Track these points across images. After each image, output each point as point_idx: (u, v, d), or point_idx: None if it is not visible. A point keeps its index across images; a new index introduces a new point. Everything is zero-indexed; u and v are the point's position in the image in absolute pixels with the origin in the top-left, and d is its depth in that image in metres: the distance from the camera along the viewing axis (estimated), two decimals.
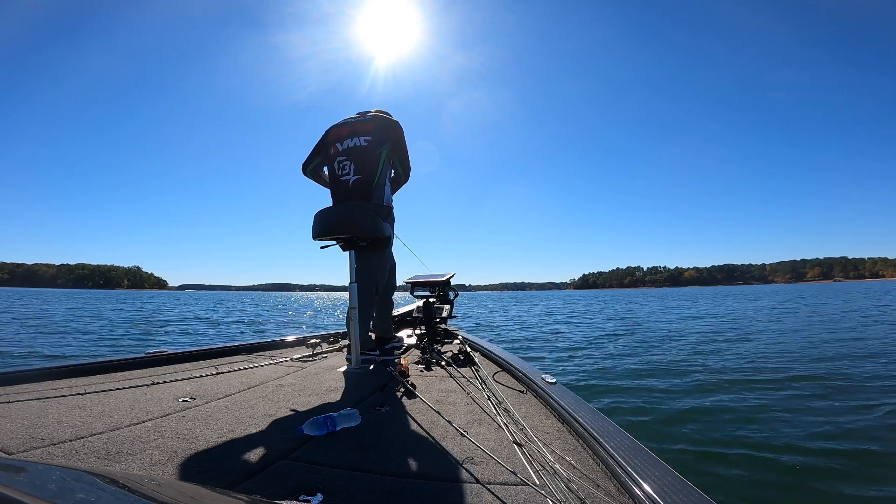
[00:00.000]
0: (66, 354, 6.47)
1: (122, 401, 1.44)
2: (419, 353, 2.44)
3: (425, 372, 2.02)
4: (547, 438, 1.16)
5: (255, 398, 1.55)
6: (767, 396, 3.72)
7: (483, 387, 1.67)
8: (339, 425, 1.20)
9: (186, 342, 8.62)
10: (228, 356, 2.36)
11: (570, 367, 5.48)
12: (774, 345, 6.74)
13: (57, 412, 1.28)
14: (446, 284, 3.39)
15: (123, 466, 0.94)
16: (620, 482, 0.87)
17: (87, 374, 1.79)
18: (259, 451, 1.06)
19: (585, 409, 1.24)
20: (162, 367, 2.00)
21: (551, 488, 0.87)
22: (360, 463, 1.00)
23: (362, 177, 2.29)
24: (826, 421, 3.03)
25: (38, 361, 5.36)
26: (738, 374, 4.64)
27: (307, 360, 2.31)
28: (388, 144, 2.36)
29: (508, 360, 1.98)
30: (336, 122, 2.47)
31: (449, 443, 1.13)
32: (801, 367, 4.89)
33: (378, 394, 1.64)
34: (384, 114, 2.51)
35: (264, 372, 2.01)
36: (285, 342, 2.81)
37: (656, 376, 4.67)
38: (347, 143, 2.34)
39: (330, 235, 2.18)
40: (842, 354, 5.60)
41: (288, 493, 0.84)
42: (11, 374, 1.64)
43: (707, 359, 5.67)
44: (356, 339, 2.09)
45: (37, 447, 1.02)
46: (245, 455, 1.04)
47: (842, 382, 4.12)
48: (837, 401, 3.52)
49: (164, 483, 0.57)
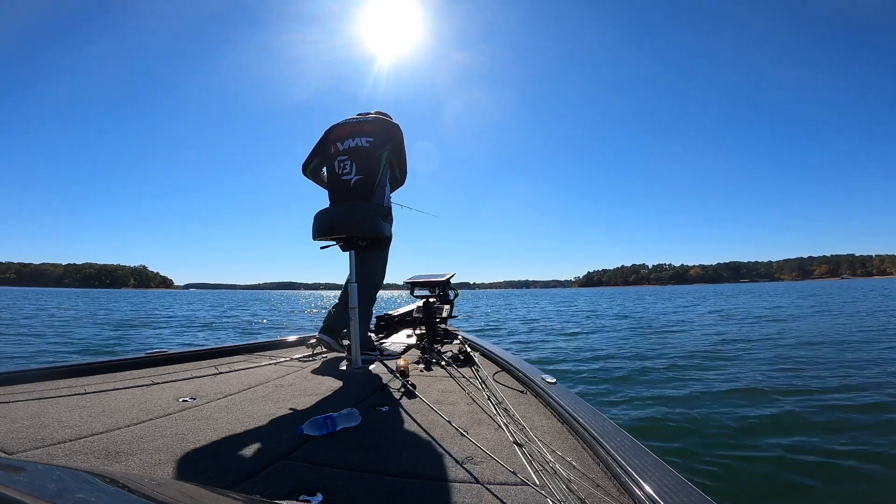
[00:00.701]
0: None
1: (122, 401, 1.44)
2: (419, 352, 2.44)
3: (425, 372, 2.02)
4: (547, 438, 1.15)
5: (255, 398, 1.55)
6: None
7: (483, 387, 1.66)
8: (339, 425, 1.20)
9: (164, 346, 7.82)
10: (228, 356, 2.36)
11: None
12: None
13: (57, 412, 1.28)
14: (446, 284, 3.39)
15: (123, 466, 0.94)
16: (620, 482, 0.87)
17: (87, 374, 1.79)
18: (259, 451, 1.06)
19: (585, 409, 1.24)
20: (162, 367, 2.00)
21: (551, 488, 0.87)
22: (360, 463, 1.00)
23: (364, 177, 2.31)
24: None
25: (38, 361, 5.32)
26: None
27: (307, 360, 2.31)
28: (389, 146, 2.38)
29: (508, 360, 1.98)
30: (336, 123, 2.48)
31: (449, 443, 1.13)
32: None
33: (378, 394, 1.64)
34: (384, 115, 2.52)
35: (264, 372, 2.01)
36: (285, 342, 2.81)
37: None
38: (349, 142, 2.36)
39: (330, 235, 2.19)
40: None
41: (288, 493, 0.84)
42: (11, 374, 1.64)
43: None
44: (356, 339, 2.10)
45: (37, 447, 1.02)
46: (245, 455, 1.04)
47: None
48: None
49: (164, 483, 0.57)
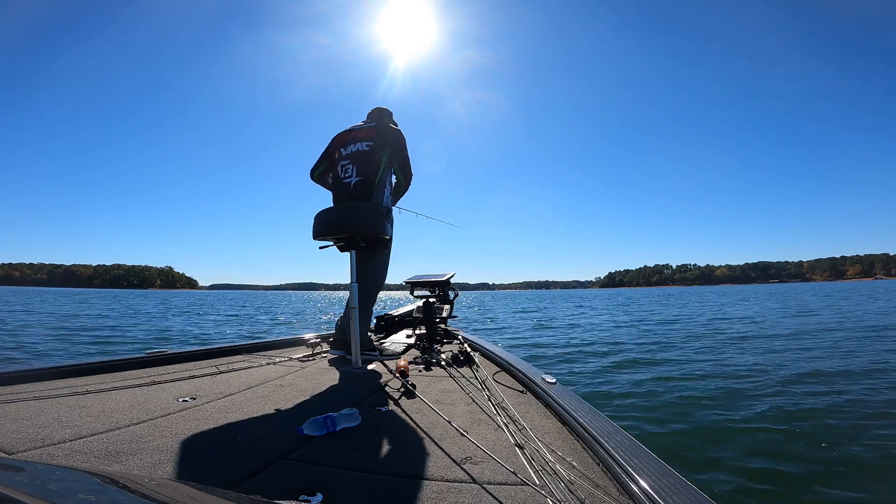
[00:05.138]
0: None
1: (122, 401, 1.44)
2: (419, 353, 2.45)
3: (425, 372, 2.02)
4: (547, 438, 1.16)
5: (255, 398, 1.55)
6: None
7: (483, 387, 1.67)
8: (339, 425, 1.20)
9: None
10: (228, 356, 2.36)
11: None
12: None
13: (57, 412, 1.28)
14: (446, 284, 3.40)
15: (123, 466, 0.94)
16: (620, 482, 0.87)
17: (87, 374, 1.79)
18: (259, 451, 1.06)
19: (585, 409, 1.24)
20: (162, 367, 2.00)
21: (551, 488, 0.87)
22: (360, 463, 1.00)
23: (363, 178, 2.38)
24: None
25: (39, 361, 5.28)
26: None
27: (307, 360, 2.31)
28: (389, 150, 2.45)
29: (508, 360, 1.98)
30: (341, 130, 2.57)
31: (449, 443, 1.13)
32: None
33: (378, 394, 1.64)
34: (384, 111, 2.61)
35: (264, 372, 2.01)
36: (285, 342, 2.81)
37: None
38: (350, 148, 2.45)
39: (330, 235, 2.21)
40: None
41: (288, 493, 0.84)
42: (11, 374, 1.64)
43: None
44: (356, 339, 2.10)
45: (37, 447, 1.02)
46: (245, 455, 1.04)
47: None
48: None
49: (164, 483, 0.58)
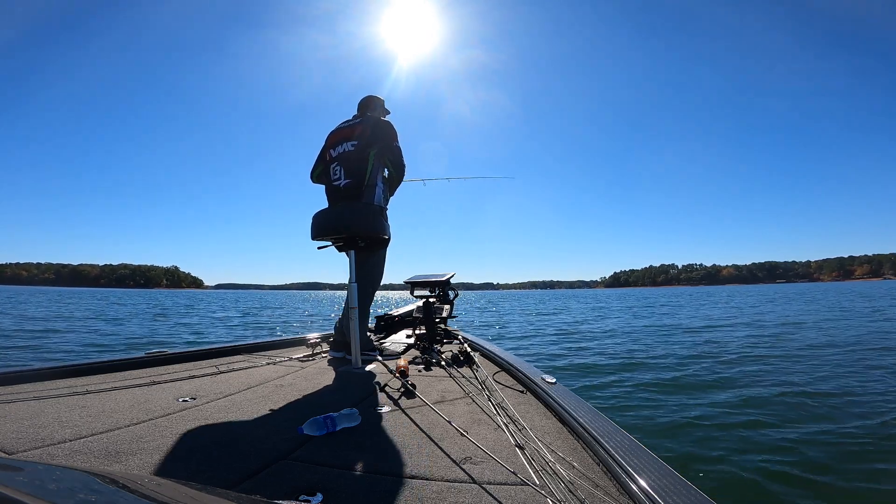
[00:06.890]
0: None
1: (122, 401, 1.44)
2: (419, 353, 2.44)
3: (425, 372, 2.02)
4: (547, 438, 1.16)
5: (255, 398, 1.55)
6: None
7: (483, 387, 1.67)
8: (339, 425, 1.20)
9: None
10: (228, 356, 2.36)
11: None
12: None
13: (57, 412, 1.28)
14: (446, 284, 3.40)
15: (123, 466, 0.94)
16: (620, 482, 0.87)
17: (87, 374, 1.79)
18: (259, 451, 1.06)
19: (585, 409, 1.24)
20: (162, 367, 2.00)
21: (551, 488, 0.87)
22: (360, 463, 1.00)
23: (353, 180, 2.35)
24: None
25: (39, 361, 5.27)
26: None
27: (307, 360, 2.31)
28: (376, 146, 2.38)
29: (508, 360, 1.98)
30: (333, 128, 2.54)
31: (448, 443, 1.13)
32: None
33: (378, 394, 1.64)
34: (373, 101, 2.58)
35: (264, 372, 2.01)
36: (285, 342, 2.81)
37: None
38: (339, 149, 2.43)
39: (328, 236, 2.21)
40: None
41: (288, 493, 0.84)
42: (11, 374, 1.64)
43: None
44: (356, 339, 2.10)
45: (37, 447, 1.02)
46: (245, 455, 1.04)
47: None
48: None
49: (164, 483, 0.57)
